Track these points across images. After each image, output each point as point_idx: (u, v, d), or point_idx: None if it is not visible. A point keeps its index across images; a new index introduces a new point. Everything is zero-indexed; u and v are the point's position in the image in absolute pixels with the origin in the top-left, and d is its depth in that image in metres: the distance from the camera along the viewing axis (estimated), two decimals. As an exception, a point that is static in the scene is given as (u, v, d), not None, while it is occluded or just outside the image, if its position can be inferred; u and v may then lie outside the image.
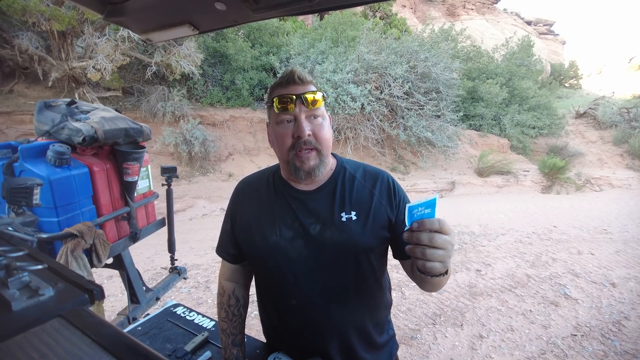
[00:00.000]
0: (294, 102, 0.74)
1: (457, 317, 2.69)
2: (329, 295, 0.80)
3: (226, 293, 0.95)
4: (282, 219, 0.81)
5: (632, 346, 2.36)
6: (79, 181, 1.28)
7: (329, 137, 0.78)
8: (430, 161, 9.41)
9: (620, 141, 12.88)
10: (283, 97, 0.74)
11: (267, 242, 0.81)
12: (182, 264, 2.15)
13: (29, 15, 5.49)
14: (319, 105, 0.76)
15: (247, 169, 8.05)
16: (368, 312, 0.85)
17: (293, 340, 0.89)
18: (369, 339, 0.86)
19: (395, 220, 0.80)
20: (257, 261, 0.87)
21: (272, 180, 0.87)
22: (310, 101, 0.74)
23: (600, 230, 5.34)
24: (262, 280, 0.91)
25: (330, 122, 0.85)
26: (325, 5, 0.71)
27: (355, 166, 0.87)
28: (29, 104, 6.49)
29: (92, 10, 0.78)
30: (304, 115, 0.75)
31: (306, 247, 0.78)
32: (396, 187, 0.84)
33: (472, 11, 23.21)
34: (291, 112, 0.75)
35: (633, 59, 29.75)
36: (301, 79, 0.76)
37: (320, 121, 0.77)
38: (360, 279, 0.80)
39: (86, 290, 0.39)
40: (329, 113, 0.85)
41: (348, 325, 0.82)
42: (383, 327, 0.91)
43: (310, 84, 0.77)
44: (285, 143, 0.76)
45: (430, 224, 0.57)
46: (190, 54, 7.25)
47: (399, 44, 9.00)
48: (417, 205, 0.59)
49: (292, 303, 0.82)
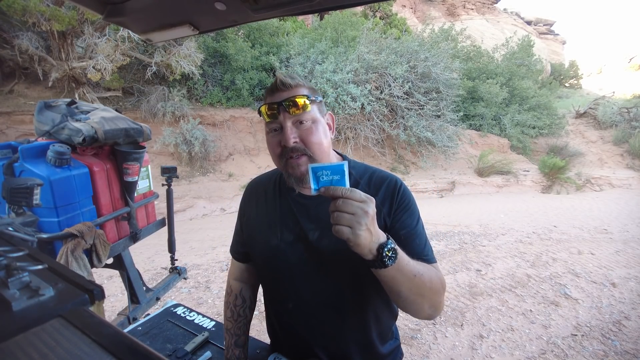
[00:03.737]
0: (277, 110, 0.72)
1: (457, 317, 2.68)
2: (326, 301, 0.79)
3: (233, 292, 0.95)
4: (285, 222, 0.81)
5: (632, 346, 2.36)
6: (79, 181, 1.28)
7: (320, 141, 0.74)
8: (431, 161, 9.41)
9: (620, 141, 12.89)
10: (268, 105, 0.73)
11: (269, 243, 0.81)
12: (182, 264, 2.15)
13: (29, 16, 5.49)
14: (306, 109, 0.72)
15: (247, 169, 8.06)
16: (368, 322, 0.82)
17: (290, 343, 0.89)
18: (370, 349, 0.84)
19: (389, 227, 0.76)
20: (258, 261, 0.87)
21: (278, 183, 0.87)
22: (292, 107, 0.71)
23: (600, 230, 5.34)
24: (263, 281, 0.92)
25: (333, 122, 0.83)
26: (325, 5, 0.71)
27: (363, 172, 0.83)
28: (29, 104, 6.49)
29: (92, 10, 0.78)
30: (290, 122, 0.72)
31: (306, 251, 0.78)
32: (400, 192, 0.78)
33: (472, 11, 23.20)
34: (276, 120, 0.73)
35: (633, 59, 29.76)
36: (285, 84, 0.73)
37: (308, 125, 0.74)
38: (358, 288, 0.77)
39: (86, 291, 0.39)
40: (328, 113, 0.82)
41: (345, 333, 0.81)
42: (386, 337, 0.89)
43: (296, 88, 0.74)
44: (275, 152, 0.75)
45: (334, 190, 0.57)
46: (190, 54, 7.25)
47: (399, 44, 9.00)
48: (322, 167, 0.59)
49: (288, 306, 0.82)
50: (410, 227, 0.76)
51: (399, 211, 0.77)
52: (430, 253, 0.76)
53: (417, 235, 0.76)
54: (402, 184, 0.81)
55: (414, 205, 0.79)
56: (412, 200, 0.79)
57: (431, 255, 0.75)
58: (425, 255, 0.74)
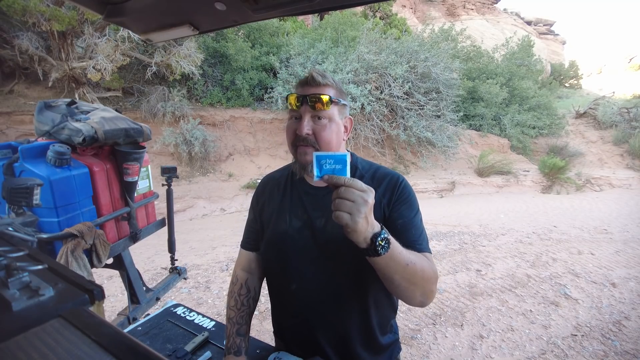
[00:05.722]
0: (300, 102, 0.80)
1: (458, 317, 2.69)
2: (327, 284, 0.84)
3: (239, 282, 0.99)
4: (293, 210, 0.89)
5: (632, 346, 2.36)
6: (79, 181, 1.28)
7: (329, 139, 0.81)
8: (431, 161, 9.41)
9: (620, 141, 12.89)
10: (296, 96, 0.81)
11: (278, 229, 0.89)
12: (182, 264, 2.15)
13: (29, 16, 5.49)
14: (326, 108, 0.79)
15: (247, 169, 8.06)
16: (368, 309, 0.86)
17: (293, 329, 0.93)
18: (369, 337, 0.88)
19: (387, 217, 0.82)
20: (268, 246, 0.93)
21: (290, 177, 0.95)
22: (314, 102, 0.78)
23: (600, 230, 5.34)
24: (270, 265, 0.96)
25: (350, 126, 0.88)
26: (325, 5, 0.71)
27: (368, 167, 0.91)
28: (29, 104, 6.49)
29: (92, 10, 0.78)
30: (309, 115, 0.80)
31: (312, 238, 0.85)
32: (401, 187, 0.84)
33: (472, 11, 23.21)
34: (298, 110, 0.81)
35: (633, 59, 29.77)
36: (316, 81, 0.80)
37: (324, 122, 0.80)
38: (359, 275, 0.82)
39: (86, 291, 0.39)
40: (348, 117, 0.87)
41: (345, 317, 0.85)
42: (386, 329, 0.93)
43: (325, 87, 0.81)
44: (289, 137, 0.84)
45: (337, 178, 0.62)
46: (190, 54, 7.25)
47: (399, 44, 9.00)
48: (325, 155, 0.64)
49: (292, 287, 0.87)
50: (407, 218, 0.81)
51: (398, 203, 0.82)
52: (425, 243, 0.80)
53: (414, 226, 0.81)
54: (404, 179, 0.87)
55: (413, 200, 0.84)
56: (413, 195, 0.85)
57: (425, 245, 0.80)
58: (419, 244, 0.78)
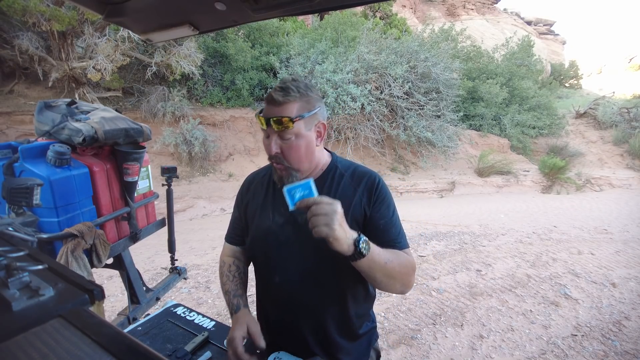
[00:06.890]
0: (266, 123, 0.82)
1: (458, 317, 2.69)
2: (308, 278, 0.90)
3: (226, 264, 1.04)
4: (276, 207, 0.93)
5: (632, 346, 2.36)
6: (79, 181, 1.28)
7: (298, 156, 0.84)
8: (431, 161, 9.41)
9: (620, 141, 12.89)
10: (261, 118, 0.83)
11: (262, 224, 0.94)
12: (182, 264, 2.15)
13: (29, 16, 5.49)
14: (290, 127, 0.80)
15: (247, 169, 8.06)
16: (345, 299, 0.92)
17: (277, 319, 0.98)
18: (347, 326, 0.94)
19: (369, 216, 0.88)
20: (253, 241, 0.98)
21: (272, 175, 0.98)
22: (276, 124, 0.80)
23: (600, 230, 5.34)
24: (255, 260, 1.01)
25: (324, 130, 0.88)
26: (325, 5, 0.71)
27: (347, 166, 0.95)
28: (29, 104, 6.49)
29: (92, 10, 0.78)
30: (275, 135, 0.83)
31: (294, 233, 0.89)
32: (379, 187, 0.90)
33: (472, 11, 23.21)
34: (267, 130, 0.84)
35: (633, 59, 29.77)
36: (276, 101, 0.81)
37: (291, 141, 0.82)
38: (339, 268, 0.86)
39: (86, 291, 0.39)
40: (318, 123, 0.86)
41: (325, 309, 0.91)
42: (363, 319, 0.98)
43: (286, 105, 0.80)
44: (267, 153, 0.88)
45: (307, 200, 0.71)
46: (190, 54, 7.25)
47: (399, 44, 9.00)
48: (293, 187, 0.73)
49: (276, 280, 0.93)
50: (387, 218, 0.89)
51: (378, 203, 0.89)
52: (403, 240, 0.89)
53: (393, 225, 0.89)
54: (380, 179, 0.93)
55: (390, 199, 0.92)
56: (389, 194, 0.93)
57: (404, 241, 0.89)
58: (398, 242, 0.87)
